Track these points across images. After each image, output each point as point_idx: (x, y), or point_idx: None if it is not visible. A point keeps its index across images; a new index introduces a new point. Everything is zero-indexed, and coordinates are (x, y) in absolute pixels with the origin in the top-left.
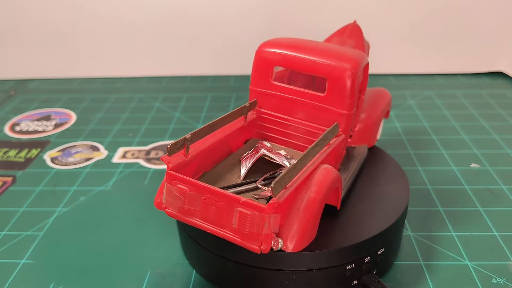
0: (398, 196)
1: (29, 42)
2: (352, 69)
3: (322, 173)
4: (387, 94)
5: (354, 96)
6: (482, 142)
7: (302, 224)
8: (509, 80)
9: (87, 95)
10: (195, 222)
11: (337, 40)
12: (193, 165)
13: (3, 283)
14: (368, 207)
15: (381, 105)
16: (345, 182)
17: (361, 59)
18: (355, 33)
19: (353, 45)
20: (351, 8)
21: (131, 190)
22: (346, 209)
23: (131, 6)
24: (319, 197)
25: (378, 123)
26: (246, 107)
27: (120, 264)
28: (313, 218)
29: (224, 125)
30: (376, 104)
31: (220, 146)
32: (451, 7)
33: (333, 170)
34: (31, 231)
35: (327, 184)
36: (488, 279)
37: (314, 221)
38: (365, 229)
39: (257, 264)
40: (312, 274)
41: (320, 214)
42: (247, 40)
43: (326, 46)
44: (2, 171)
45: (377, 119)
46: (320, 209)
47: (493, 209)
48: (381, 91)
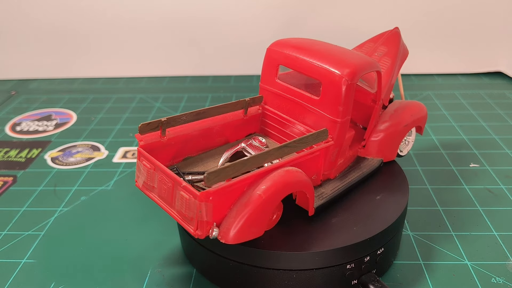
0: (398, 195)
1: (30, 42)
2: (347, 76)
3: (280, 174)
4: (419, 108)
5: (348, 104)
6: (481, 142)
7: (241, 219)
8: (508, 80)
9: (88, 95)
10: (153, 198)
11: (369, 47)
12: (173, 148)
13: (4, 282)
14: (368, 207)
15: (404, 119)
16: (332, 191)
17: (363, 66)
18: (391, 40)
19: (384, 52)
20: (350, 8)
21: (132, 190)
22: (346, 209)
23: (131, 6)
24: (265, 196)
25: (397, 137)
26: (246, 101)
27: (121, 264)
28: (255, 215)
29: (215, 115)
30: (399, 116)
31: (211, 135)
32: (451, 8)
33: (296, 174)
34: (32, 230)
35: (279, 185)
36: (488, 279)
37: (256, 219)
38: (365, 228)
39: (257, 264)
40: (312, 274)
41: (267, 213)
42: (247, 41)
43: (332, 50)
44: (3, 171)
45: (396, 132)
46: (266, 208)
47: (493, 209)
48: (414, 104)
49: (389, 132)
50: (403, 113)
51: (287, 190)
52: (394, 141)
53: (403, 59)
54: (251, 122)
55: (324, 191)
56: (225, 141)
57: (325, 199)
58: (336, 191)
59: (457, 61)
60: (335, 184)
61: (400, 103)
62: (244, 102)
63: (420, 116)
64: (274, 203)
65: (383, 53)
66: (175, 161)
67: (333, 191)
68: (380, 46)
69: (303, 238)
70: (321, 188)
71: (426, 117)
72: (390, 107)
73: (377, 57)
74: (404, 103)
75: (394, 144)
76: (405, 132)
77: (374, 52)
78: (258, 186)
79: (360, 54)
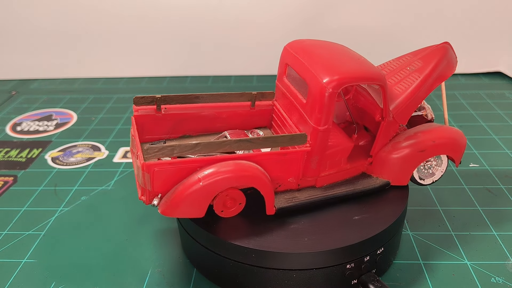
0: (398, 195)
1: (30, 42)
2: (330, 84)
3: (227, 164)
4: (450, 136)
5: (329, 113)
6: (481, 142)
7: (176, 196)
8: (508, 80)
9: (88, 95)
10: (133, 163)
11: (405, 59)
12: (167, 123)
13: (5, 282)
14: (367, 207)
15: (423, 143)
16: (307, 198)
17: (354, 77)
18: (432, 56)
19: (417, 68)
20: (350, 8)
21: (132, 189)
22: (346, 208)
23: (132, 6)
24: (203, 180)
25: (409, 161)
26: (253, 94)
27: (121, 263)
28: (191, 196)
29: (212, 102)
30: (417, 140)
31: (212, 120)
32: (450, 8)
33: (247, 169)
34: (32, 230)
35: (221, 174)
36: (487, 279)
37: (193, 200)
38: (364, 228)
39: (257, 264)
40: (312, 273)
41: (205, 198)
42: (247, 41)
43: (334, 55)
44: (4, 171)
45: (408, 156)
46: (205, 194)
47: (492, 208)
48: (444, 130)
49: (399, 154)
50: (423, 137)
51: (231, 181)
52: (405, 165)
53: (442, 77)
54: (260, 115)
55: (298, 196)
56: (229, 128)
57: (293, 203)
58: (311, 199)
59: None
60: (315, 193)
61: (429, 126)
62: (250, 95)
63: (449, 144)
64: (214, 189)
65: (416, 68)
66: (172, 136)
67: (307, 198)
68: (417, 60)
69: (302, 238)
70: (296, 192)
71: (462, 147)
72: (416, 127)
73: (407, 71)
74: (432, 126)
75: (405, 168)
76: (422, 158)
77: (407, 66)
78: (202, 170)
79: (365, 64)
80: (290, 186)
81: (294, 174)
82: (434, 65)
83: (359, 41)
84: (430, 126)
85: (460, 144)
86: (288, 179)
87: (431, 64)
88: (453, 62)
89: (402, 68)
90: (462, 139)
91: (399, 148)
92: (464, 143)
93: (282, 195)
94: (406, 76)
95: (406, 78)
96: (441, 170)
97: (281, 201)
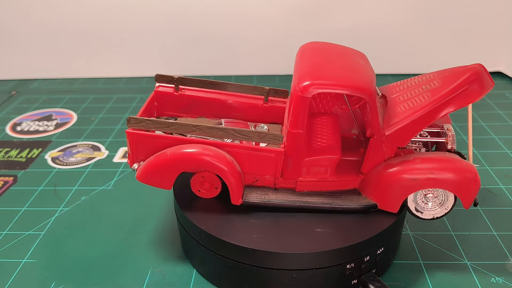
0: None
1: (30, 42)
2: (300, 87)
3: (194, 147)
4: (456, 170)
5: (298, 116)
6: (481, 142)
7: (147, 163)
8: (508, 80)
9: (88, 95)
10: None
11: (430, 77)
12: (184, 103)
13: (5, 282)
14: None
15: (417, 171)
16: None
17: (330, 84)
18: (455, 77)
19: (432, 88)
20: (348, 7)
21: (132, 189)
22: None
23: (132, 6)
24: (170, 156)
25: (397, 188)
26: (265, 89)
27: (121, 263)
28: (159, 167)
29: (226, 90)
30: (412, 167)
31: (227, 107)
32: (450, 8)
33: (212, 155)
34: (32, 230)
35: (187, 155)
36: (487, 279)
37: (161, 171)
38: (364, 228)
39: (257, 264)
40: (312, 273)
41: (171, 173)
42: (247, 41)
43: (331, 60)
44: (4, 171)
45: (397, 182)
46: (170, 168)
47: (492, 208)
48: (450, 162)
49: (387, 177)
50: (421, 165)
51: (195, 163)
52: (393, 190)
53: (461, 102)
54: (274, 112)
55: (271, 195)
56: (244, 118)
57: (262, 201)
58: (281, 202)
59: (457, 61)
60: (289, 197)
61: (436, 154)
62: (262, 89)
63: (452, 181)
64: (178, 166)
65: (431, 88)
66: (189, 115)
67: (278, 199)
68: (437, 79)
69: (303, 238)
70: (271, 191)
71: (471, 188)
72: (422, 153)
73: (421, 90)
74: (438, 155)
75: (393, 194)
76: (415, 188)
77: (424, 85)
78: (173, 148)
79: (355, 74)
80: (267, 183)
81: (270, 172)
82: (451, 88)
83: (359, 42)
84: (437, 154)
85: (469, 184)
86: (265, 176)
87: (448, 87)
88: (481, 86)
89: (419, 86)
90: (472, 179)
91: (389, 170)
92: (475, 184)
93: (256, 190)
94: (417, 95)
95: (416, 97)
96: (445, 207)
97: (252, 196)
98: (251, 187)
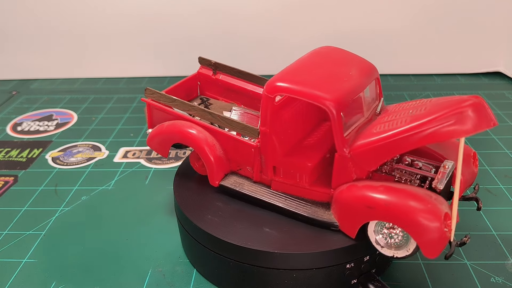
0: None
1: (31, 42)
2: (267, 86)
3: (183, 123)
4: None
5: (264, 115)
6: (480, 142)
7: (152, 131)
8: (507, 80)
9: (89, 95)
10: None
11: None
12: (219, 87)
13: (5, 282)
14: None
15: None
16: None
17: (293, 89)
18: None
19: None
20: (349, 8)
21: (132, 189)
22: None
23: (132, 6)
24: (166, 127)
25: (352, 213)
26: None
27: (121, 263)
28: (158, 134)
29: (251, 81)
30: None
31: (252, 97)
32: (450, 8)
33: (191, 132)
34: (32, 230)
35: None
36: (487, 278)
37: (158, 138)
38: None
39: (257, 264)
40: (312, 273)
41: (166, 143)
42: (247, 41)
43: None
44: (4, 171)
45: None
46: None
47: (492, 208)
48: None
49: (344, 199)
50: (381, 194)
51: (182, 138)
52: (348, 214)
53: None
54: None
55: (246, 185)
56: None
57: (234, 187)
58: (250, 194)
59: (456, 61)
60: (260, 192)
61: (405, 187)
62: None
63: (407, 220)
64: (170, 137)
65: (415, 114)
66: (224, 99)
67: (249, 191)
68: (426, 106)
69: (303, 238)
70: (248, 182)
71: (431, 236)
72: (392, 183)
73: (406, 115)
74: (405, 189)
75: (349, 217)
76: (370, 216)
77: (412, 109)
78: (171, 121)
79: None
80: (249, 175)
81: (250, 164)
82: (433, 118)
83: (359, 43)
84: (410, 188)
85: (426, 230)
86: (247, 167)
87: (430, 115)
88: (473, 123)
89: (408, 110)
90: (428, 226)
91: (349, 191)
92: (433, 233)
93: (236, 177)
94: (398, 119)
95: (396, 121)
96: (407, 249)
97: (229, 181)
98: (236, 174)
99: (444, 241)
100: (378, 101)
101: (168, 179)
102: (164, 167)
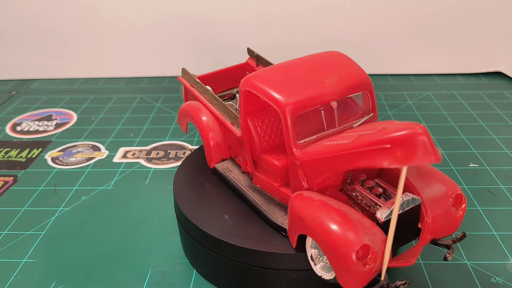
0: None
1: (31, 42)
2: (244, 81)
3: (195, 104)
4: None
5: (241, 107)
6: (480, 142)
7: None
8: (507, 80)
9: (89, 95)
10: None
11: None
12: None
13: (5, 282)
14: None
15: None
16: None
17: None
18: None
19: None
20: (348, 7)
21: (132, 189)
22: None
23: (132, 7)
24: (185, 106)
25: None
26: None
27: (121, 263)
28: (180, 111)
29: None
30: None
31: None
32: (450, 8)
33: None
34: (32, 230)
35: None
36: (487, 279)
37: (181, 115)
38: None
39: (257, 264)
40: (312, 273)
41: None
42: (248, 41)
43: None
44: (4, 171)
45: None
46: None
47: (492, 208)
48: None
49: (289, 207)
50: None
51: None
52: (290, 223)
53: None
54: None
55: (233, 173)
56: None
57: (223, 173)
58: (231, 182)
59: (456, 61)
60: (243, 183)
61: (343, 207)
62: None
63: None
64: (187, 117)
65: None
66: None
67: (233, 179)
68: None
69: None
70: (238, 171)
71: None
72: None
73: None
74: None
75: (290, 226)
76: (302, 229)
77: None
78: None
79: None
80: (240, 164)
81: (239, 154)
82: (368, 142)
83: (359, 44)
84: (345, 209)
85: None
86: (239, 156)
87: (370, 139)
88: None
89: (362, 130)
90: (342, 251)
91: (295, 199)
92: (345, 262)
93: (231, 164)
94: (346, 137)
95: (343, 139)
96: (330, 275)
97: (222, 166)
98: (233, 161)
99: (358, 276)
100: (366, 115)
101: (168, 179)
102: (164, 167)
